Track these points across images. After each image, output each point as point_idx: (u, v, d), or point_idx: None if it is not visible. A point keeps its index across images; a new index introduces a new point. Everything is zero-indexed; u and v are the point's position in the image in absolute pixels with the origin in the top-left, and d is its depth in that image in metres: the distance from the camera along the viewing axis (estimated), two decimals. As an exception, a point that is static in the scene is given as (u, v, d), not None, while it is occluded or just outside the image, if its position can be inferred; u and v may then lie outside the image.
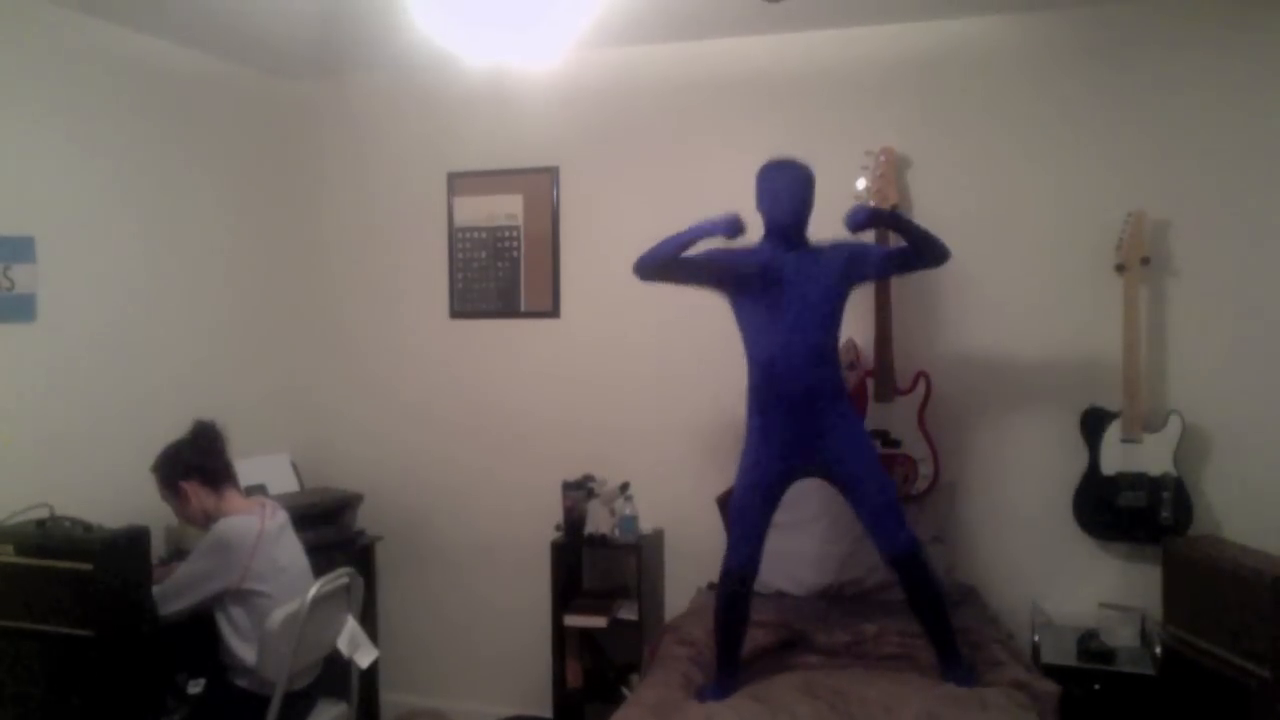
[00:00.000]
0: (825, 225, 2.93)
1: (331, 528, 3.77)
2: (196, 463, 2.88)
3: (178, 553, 3.33)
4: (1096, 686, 3.07)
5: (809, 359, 2.81)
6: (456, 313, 4.14)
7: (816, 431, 2.81)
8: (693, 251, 2.93)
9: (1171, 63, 3.34)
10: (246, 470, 3.31)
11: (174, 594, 2.76)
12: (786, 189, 2.86)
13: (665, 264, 2.95)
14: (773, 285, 2.85)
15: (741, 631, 2.89)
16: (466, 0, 3.21)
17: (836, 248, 2.91)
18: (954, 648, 2.76)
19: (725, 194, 3.67)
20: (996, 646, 2.93)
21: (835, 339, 2.89)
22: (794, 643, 3.06)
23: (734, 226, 2.84)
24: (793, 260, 2.86)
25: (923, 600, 2.76)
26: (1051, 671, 3.00)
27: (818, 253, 2.90)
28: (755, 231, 2.94)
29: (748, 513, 2.88)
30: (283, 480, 3.91)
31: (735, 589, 2.87)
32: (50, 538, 2.69)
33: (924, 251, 2.84)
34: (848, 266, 2.88)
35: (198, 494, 2.86)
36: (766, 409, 2.86)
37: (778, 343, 2.82)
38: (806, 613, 3.25)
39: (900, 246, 2.91)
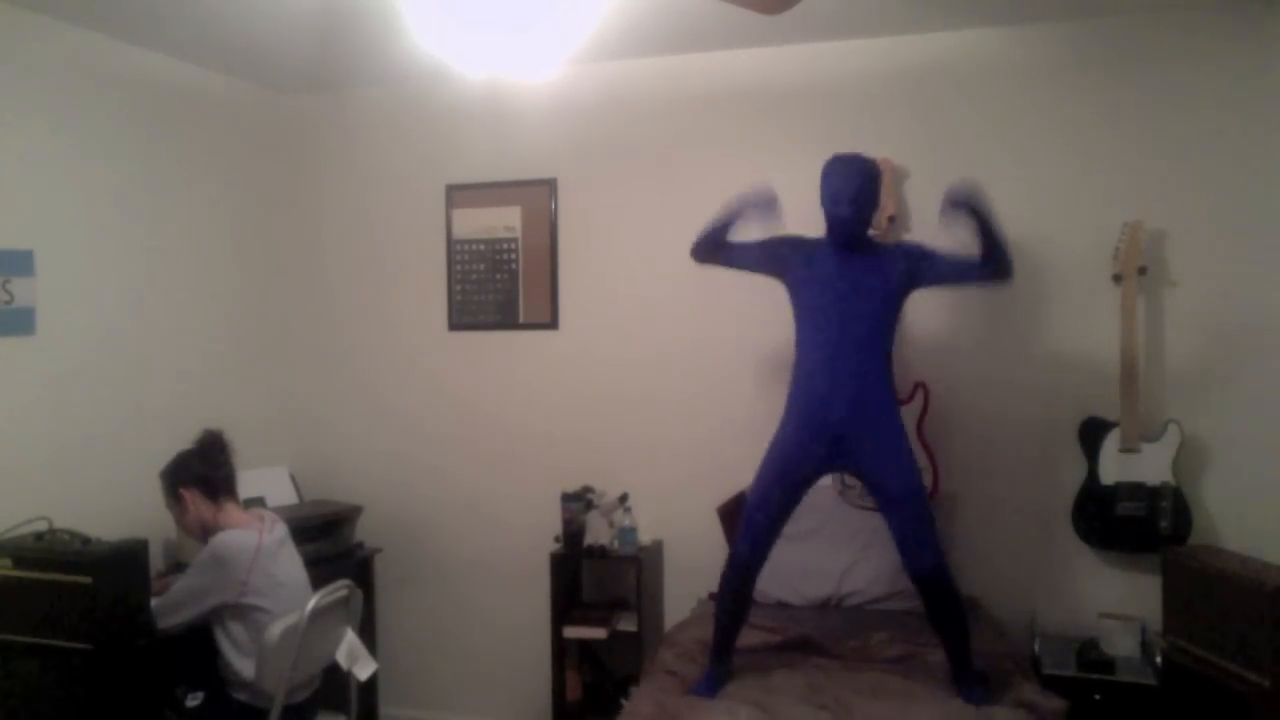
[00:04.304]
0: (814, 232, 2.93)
1: (330, 540, 3.76)
2: (199, 472, 2.88)
3: (176, 565, 3.33)
4: (1097, 696, 3.06)
5: (857, 364, 2.76)
6: (455, 325, 4.15)
7: (856, 438, 2.75)
8: (755, 238, 2.93)
9: (1167, 74, 3.36)
10: (245, 483, 3.30)
11: (172, 608, 2.76)
12: (847, 185, 2.77)
13: (716, 246, 2.94)
14: (828, 285, 2.80)
15: (740, 621, 2.88)
16: (464, 1, 3.21)
17: (897, 249, 2.87)
18: (969, 665, 2.72)
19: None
20: (1005, 660, 2.92)
21: (888, 345, 2.82)
22: (799, 645, 3.05)
23: (765, 201, 2.84)
24: (849, 261, 2.81)
25: (944, 620, 2.73)
26: (1052, 682, 3.00)
27: (878, 254, 2.85)
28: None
29: (766, 505, 2.83)
30: (281, 493, 3.91)
31: (741, 577, 2.85)
32: (49, 551, 2.69)
33: (992, 262, 2.73)
34: (908, 270, 2.81)
35: (196, 503, 2.86)
36: (808, 406, 2.81)
37: (828, 344, 2.78)
38: (809, 621, 3.24)
39: (965, 257, 2.80)
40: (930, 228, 3.46)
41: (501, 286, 4.08)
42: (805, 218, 3.08)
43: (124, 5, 3.17)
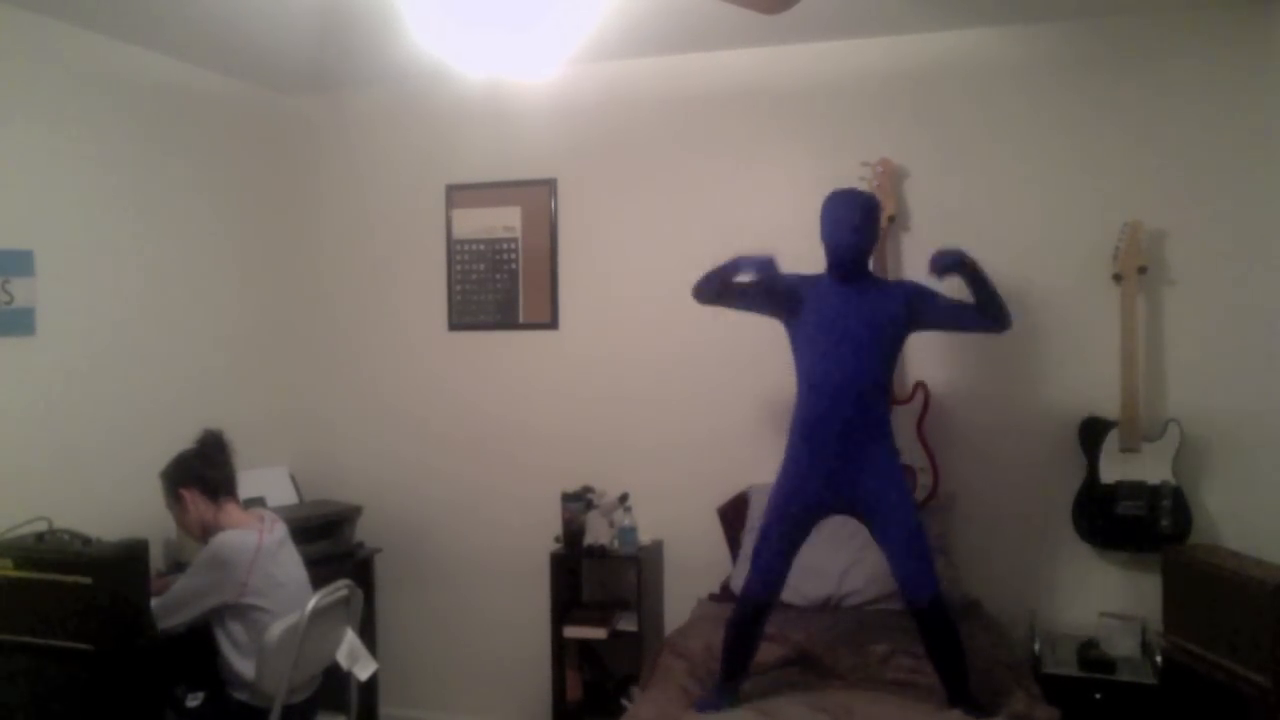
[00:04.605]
0: (818, 246, 2.91)
1: (330, 540, 3.76)
2: (199, 472, 2.88)
3: (176, 565, 3.33)
4: (1097, 696, 3.06)
5: (856, 396, 2.76)
6: (455, 325, 4.15)
7: (855, 468, 2.77)
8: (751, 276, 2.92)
9: (1166, 74, 3.36)
10: (245, 483, 3.30)
11: (172, 608, 2.76)
12: (848, 220, 2.78)
13: (717, 293, 2.93)
14: (827, 319, 2.81)
15: (750, 654, 2.85)
16: (464, 1, 3.21)
17: (899, 287, 2.88)
18: (965, 687, 2.70)
19: (722, 205, 3.72)
20: (1001, 668, 2.89)
21: (886, 378, 2.83)
22: (798, 661, 3.03)
23: (767, 268, 2.80)
24: (850, 295, 2.81)
25: (942, 650, 2.72)
26: (1052, 681, 3.00)
27: (878, 289, 2.85)
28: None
29: (776, 542, 2.83)
30: (282, 493, 3.91)
31: (751, 616, 2.84)
32: (49, 551, 2.69)
33: (987, 314, 2.76)
34: (908, 309, 2.82)
35: (196, 503, 2.86)
36: (811, 440, 2.81)
37: (827, 377, 2.78)
38: (809, 627, 3.22)
39: (963, 303, 2.82)
40: (930, 229, 3.48)
41: (501, 286, 4.08)
42: (808, 218, 3.09)
43: (124, 5, 3.17)
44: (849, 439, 2.76)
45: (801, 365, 2.88)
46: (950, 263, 2.69)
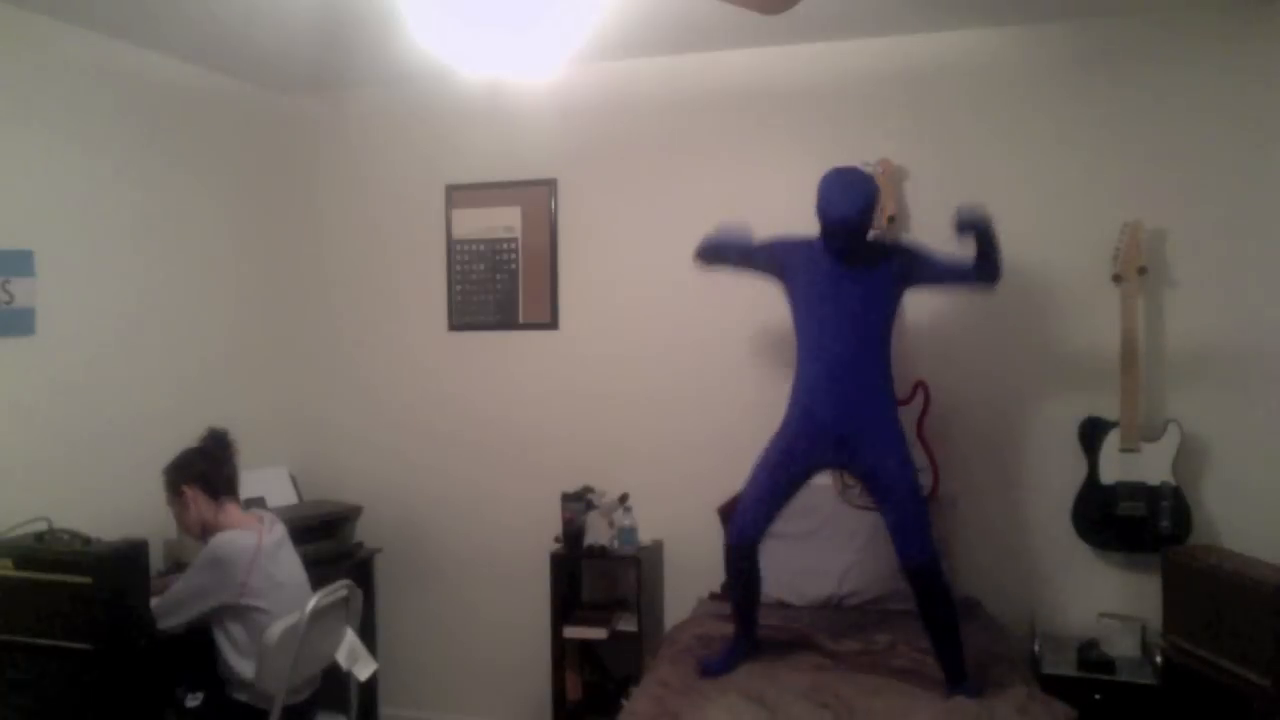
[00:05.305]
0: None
1: (330, 540, 3.76)
2: (202, 469, 2.88)
3: (176, 565, 3.32)
4: (1097, 696, 3.06)
5: (857, 365, 2.82)
6: (455, 325, 4.15)
7: (856, 436, 2.82)
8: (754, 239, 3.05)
9: (1166, 74, 3.35)
10: (245, 483, 3.30)
11: (171, 608, 2.76)
12: (841, 196, 2.79)
13: (713, 256, 3.09)
14: (825, 288, 2.86)
15: (755, 597, 2.95)
16: (464, 1, 3.22)
17: (892, 248, 2.93)
18: (960, 663, 2.73)
19: (722, 205, 3.71)
20: (1003, 664, 2.90)
21: (886, 343, 2.88)
22: (802, 644, 3.04)
23: (744, 242, 3.04)
24: (844, 273, 2.85)
25: (934, 615, 2.76)
26: (1052, 681, 3.00)
27: (873, 254, 2.89)
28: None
29: (764, 488, 2.90)
30: (281, 493, 3.91)
31: (743, 554, 2.92)
32: (49, 551, 2.69)
33: (986, 271, 2.83)
34: (901, 271, 2.88)
35: (197, 501, 2.86)
36: (810, 406, 2.88)
37: (827, 346, 2.85)
38: (812, 621, 3.24)
39: (958, 262, 2.87)
40: (929, 229, 3.47)
41: (501, 286, 4.08)
42: (807, 218, 3.08)
43: (124, 5, 3.17)
44: (852, 404, 2.82)
45: (802, 331, 2.93)
46: (974, 229, 2.75)
